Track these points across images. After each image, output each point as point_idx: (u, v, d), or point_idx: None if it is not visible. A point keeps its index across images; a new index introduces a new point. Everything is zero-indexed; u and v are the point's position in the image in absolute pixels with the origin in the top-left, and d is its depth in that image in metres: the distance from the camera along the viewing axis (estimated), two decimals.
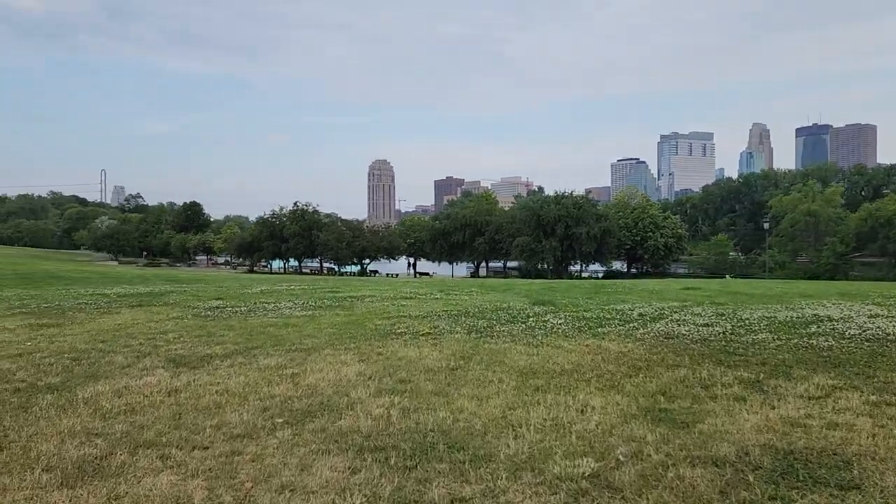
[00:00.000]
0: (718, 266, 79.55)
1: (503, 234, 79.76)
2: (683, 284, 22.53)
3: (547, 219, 73.02)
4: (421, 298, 16.58)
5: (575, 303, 15.54)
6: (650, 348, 9.16)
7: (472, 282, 24.99)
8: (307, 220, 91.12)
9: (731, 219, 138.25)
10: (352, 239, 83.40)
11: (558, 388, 6.97)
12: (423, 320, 12.11)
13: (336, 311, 13.65)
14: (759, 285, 22.95)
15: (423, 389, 6.91)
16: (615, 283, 24.07)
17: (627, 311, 13.49)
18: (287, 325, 11.49)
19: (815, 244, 73.12)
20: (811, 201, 75.45)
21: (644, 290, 20.05)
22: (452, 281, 25.80)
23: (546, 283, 23.55)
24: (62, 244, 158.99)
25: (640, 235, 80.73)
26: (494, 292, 18.87)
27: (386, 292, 18.50)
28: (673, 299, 17.04)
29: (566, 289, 20.42)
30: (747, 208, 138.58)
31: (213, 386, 7.05)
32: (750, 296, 18.16)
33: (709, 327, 10.90)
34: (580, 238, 70.88)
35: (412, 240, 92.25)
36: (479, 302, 15.65)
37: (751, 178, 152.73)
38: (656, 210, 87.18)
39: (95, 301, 15.88)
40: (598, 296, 17.86)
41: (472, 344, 9.55)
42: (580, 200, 76.59)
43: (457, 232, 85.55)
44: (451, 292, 18.31)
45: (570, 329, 10.91)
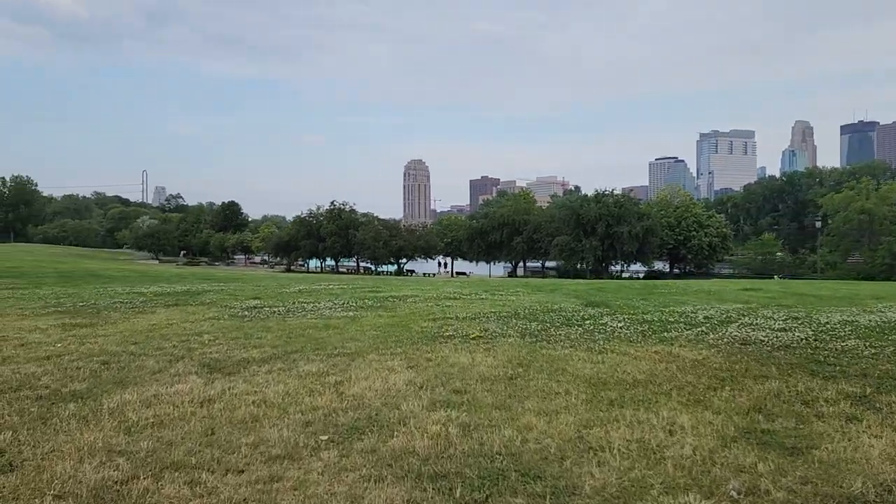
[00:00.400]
0: (765, 267, 77.24)
1: (542, 234, 78.55)
2: (741, 285, 21.39)
3: (587, 218, 71.62)
4: (466, 299, 15.84)
5: (630, 304, 14.64)
6: (728, 356, 8.27)
7: (516, 281, 24.16)
8: (344, 219, 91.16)
9: (775, 218, 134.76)
10: (389, 238, 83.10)
11: (635, 401, 6.17)
12: (472, 322, 11.37)
13: (378, 312, 12.99)
14: (822, 286, 21.67)
15: (482, 402, 6.17)
16: (667, 283, 23.00)
17: (690, 313, 12.56)
18: (328, 327, 10.85)
19: (868, 244, 70.30)
20: (865, 199, 72.56)
21: (699, 290, 19.00)
22: (494, 281, 25.02)
23: (593, 283, 22.58)
24: (105, 243, 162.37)
25: (683, 235, 78.72)
26: (541, 292, 18.04)
27: (428, 292, 17.81)
28: (734, 301, 16.02)
29: (616, 289, 19.47)
30: (791, 207, 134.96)
31: (249, 395, 6.41)
32: (818, 297, 17.02)
33: (787, 332, 9.94)
34: (622, 237, 69.32)
35: (449, 239, 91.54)
36: (527, 303, 14.85)
37: (794, 176, 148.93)
38: (700, 209, 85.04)
39: (131, 300, 15.50)
40: (653, 297, 16.91)
41: (528, 349, 8.78)
42: (621, 199, 74.97)
43: (494, 231, 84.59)
44: (497, 292, 17.53)
45: (632, 333, 10.06)
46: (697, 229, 79.24)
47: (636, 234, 69.24)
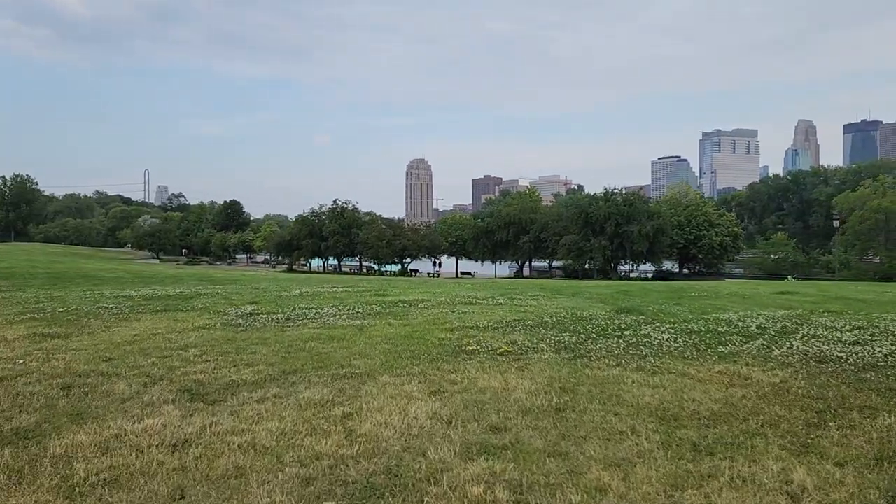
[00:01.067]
0: (778, 267, 75.78)
1: (549, 233, 77.17)
2: (773, 288, 20.08)
3: (596, 217, 70.21)
4: (482, 304, 14.54)
5: (665, 310, 13.32)
6: (810, 379, 6.96)
7: (531, 283, 22.85)
8: (347, 218, 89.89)
9: (780, 217, 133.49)
10: (392, 238, 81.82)
11: (724, 446, 4.87)
12: (496, 333, 10.07)
13: (388, 320, 11.69)
14: (859, 289, 20.34)
15: (530, 446, 4.87)
16: (692, 285, 21.68)
17: (737, 322, 11.24)
18: (332, 339, 9.55)
19: (885, 243, 68.85)
20: (881, 196, 71.07)
21: (732, 294, 17.68)
22: (508, 283, 23.73)
23: (615, 285, 21.26)
24: (107, 242, 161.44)
25: (693, 234, 77.24)
26: (562, 296, 16.74)
27: (439, 296, 16.52)
28: (775, 306, 14.70)
29: (642, 293, 18.16)
30: (796, 206, 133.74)
31: (235, 436, 5.12)
32: (863, 302, 15.71)
33: (863, 347, 8.61)
34: (631, 237, 67.90)
35: (454, 238, 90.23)
36: (551, 309, 13.54)
37: (800, 175, 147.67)
38: (710, 207, 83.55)
39: (117, 305, 14.22)
40: (685, 301, 15.61)
41: (569, 368, 7.47)
42: (631, 197, 73.52)
43: (500, 230, 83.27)
44: (514, 296, 16.24)
45: (684, 348, 8.74)
46: (708, 228, 77.78)
47: (646, 234, 67.82)
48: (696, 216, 78.81)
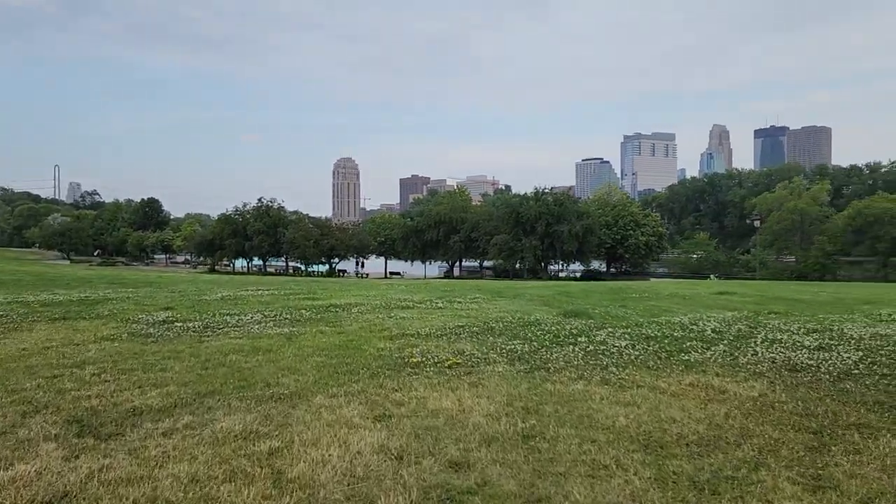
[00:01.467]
0: (700, 266, 77.96)
1: (480, 233, 76.88)
2: (710, 288, 20.02)
3: (527, 216, 70.31)
4: (420, 308, 13.66)
5: (612, 313, 12.79)
6: (790, 391, 6.41)
7: (468, 285, 22.13)
8: (272, 217, 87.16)
9: (697, 218, 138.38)
10: (320, 237, 79.76)
11: (727, 482, 4.17)
12: (440, 341, 9.21)
13: (320, 328, 10.66)
14: (793, 289, 20.53)
15: (501, 489, 4.04)
16: (629, 285, 21.45)
17: (691, 325, 10.77)
18: (257, 351, 8.48)
19: (800, 243, 71.78)
20: (798, 198, 74.08)
21: (672, 295, 17.41)
22: (445, 284, 22.96)
23: (553, 286, 20.76)
24: (12, 242, 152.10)
25: (620, 234, 78.50)
26: (503, 299, 16.05)
27: (374, 299, 15.55)
28: (719, 307, 14.45)
29: (583, 294, 17.68)
30: (712, 207, 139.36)
31: (131, 486, 4.07)
32: (804, 302, 15.67)
33: (829, 353, 8.20)
34: (561, 236, 68.31)
35: (383, 238, 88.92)
36: (494, 313, 12.80)
37: (715, 177, 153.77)
38: (636, 208, 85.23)
39: (8, 312, 12.62)
40: (629, 302, 15.17)
41: (528, 383, 6.69)
42: (561, 197, 74.04)
43: (430, 230, 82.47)
44: (454, 299, 15.43)
45: (646, 356, 8.11)
46: (634, 228, 79.24)
47: (576, 234, 68.37)
48: (623, 216, 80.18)
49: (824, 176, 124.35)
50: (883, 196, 70.23)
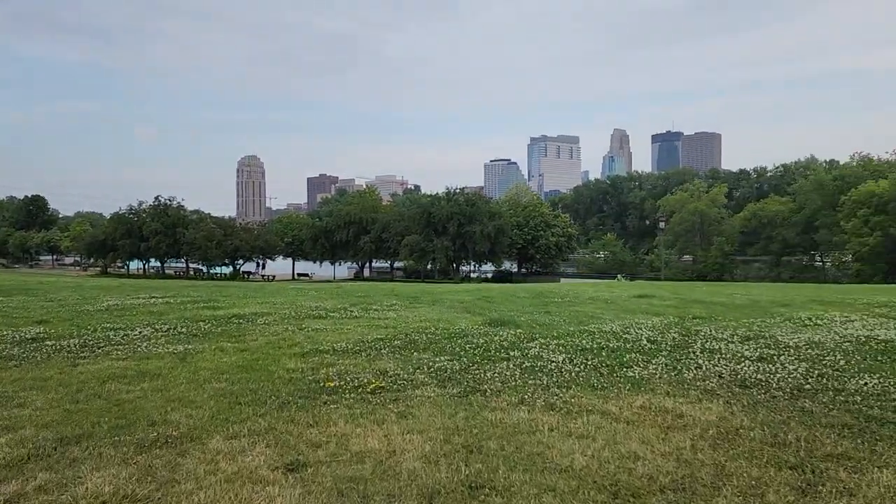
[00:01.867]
0: (608, 266, 79.94)
1: (391, 233, 75.92)
2: (629, 291, 19.87)
3: (438, 217, 69.93)
4: (334, 317, 12.62)
5: (539, 321, 12.19)
6: (748, 413, 5.88)
7: (383, 289, 21.12)
8: (171, 216, 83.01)
9: (601, 219, 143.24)
10: (223, 238, 76.48)
11: None
12: (359, 359, 8.26)
13: (221, 344, 9.47)
14: (708, 291, 20.70)
15: None
16: (549, 288, 21.06)
17: (623, 334, 10.27)
18: (142, 376, 7.26)
19: (700, 243, 74.81)
20: (698, 200, 77.19)
21: (594, 298, 17.08)
22: (358, 289, 21.90)
23: (472, 289, 20.08)
24: None
25: (531, 234, 79.51)
26: (421, 305, 15.20)
27: (282, 307, 14.36)
28: (643, 312, 14.14)
29: (504, 298, 17.08)
30: (614, 209, 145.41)
31: None
32: (723, 306, 15.62)
33: (773, 364, 7.83)
34: (473, 237, 68.29)
35: (290, 238, 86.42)
36: (414, 322, 11.94)
37: (617, 179, 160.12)
38: (547, 208, 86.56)
39: None
40: (552, 308, 14.65)
41: (465, 412, 5.87)
42: (473, 198, 74.08)
43: (340, 230, 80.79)
44: (370, 307, 14.44)
45: (586, 372, 7.46)
46: (545, 229, 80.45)
47: (488, 234, 68.55)
48: (534, 217, 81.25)
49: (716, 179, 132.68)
50: (775, 199, 74.32)
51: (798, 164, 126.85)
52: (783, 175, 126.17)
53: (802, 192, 69.22)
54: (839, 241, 57.84)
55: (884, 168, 65.23)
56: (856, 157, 69.04)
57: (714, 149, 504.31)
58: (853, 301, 16.20)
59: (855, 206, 56.04)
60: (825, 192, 64.56)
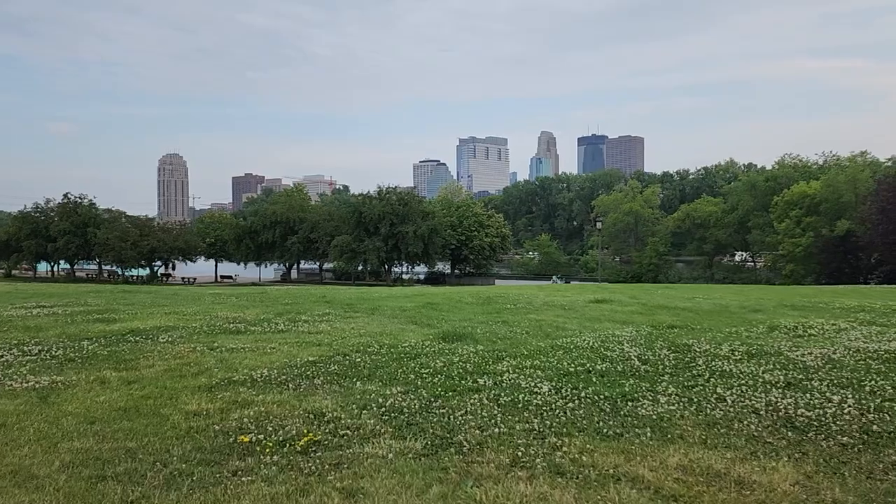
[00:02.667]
0: (543, 268, 79.49)
1: (319, 233, 73.24)
2: (584, 295, 18.49)
3: (370, 216, 67.69)
4: (255, 332, 10.60)
5: (499, 333, 10.51)
6: (831, 475, 4.33)
7: (314, 294, 18.99)
8: (81, 215, 77.72)
9: (529, 219, 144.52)
10: (138, 238, 71.94)
11: None
12: (284, 392, 6.36)
13: (103, 372, 7.37)
14: (664, 294, 19.52)
15: None
16: (497, 293, 19.30)
17: (604, 351, 8.69)
18: None
19: (634, 244, 75.21)
20: (632, 200, 77.61)
21: (550, 305, 15.56)
22: (285, 294, 19.74)
23: (412, 294, 18.20)
24: None
25: (465, 235, 78.26)
26: (358, 314, 13.30)
27: (192, 319, 12.21)
28: (611, 320, 12.72)
29: (450, 305, 15.35)
30: (543, 210, 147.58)
31: None
32: (691, 312, 14.39)
33: (805, 393, 6.36)
34: (407, 237, 66.39)
35: (212, 239, 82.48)
36: (353, 337, 10.06)
37: (546, 181, 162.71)
38: (480, 208, 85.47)
39: None
40: (507, 316, 13.02)
41: (440, 489, 4.09)
42: (406, 197, 72.07)
43: (266, 230, 77.55)
44: (298, 317, 12.44)
45: (584, 410, 5.80)
46: (479, 229, 79.36)
47: (421, 235, 66.79)
48: (468, 217, 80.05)
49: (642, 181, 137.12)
50: (708, 200, 75.40)
51: (718, 167, 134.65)
52: (704, 177, 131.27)
53: (735, 193, 70.45)
54: (772, 241, 58.86)
55: (814, 170, 67.03)
56: (786, 158, 70.71)
57: (637, 152, 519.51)
58: (825, 305, 15.25)
59: (787, 206, 57.15)
60: (757, 192, 65.81)
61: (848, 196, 52.74)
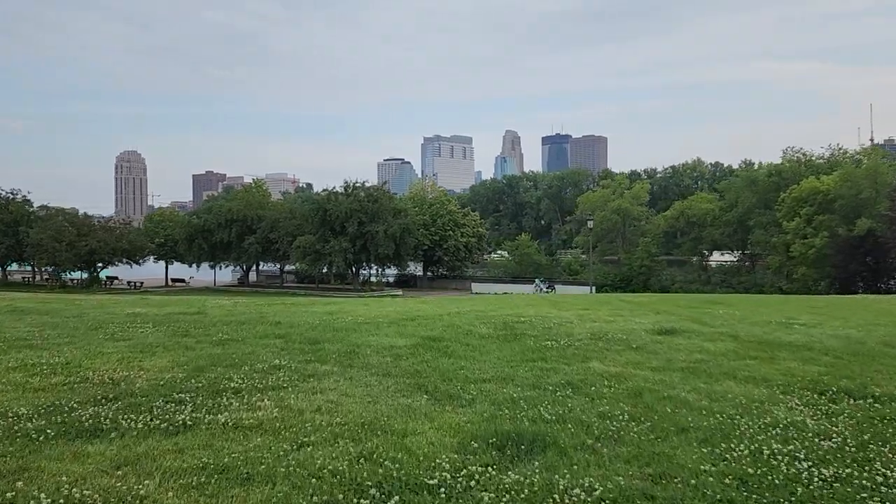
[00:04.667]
0: (522, 270, 75.11)
1: (280, 233, 67.80)
2: (623, 313, 13.88)
3: (336, 214, 62.42)
4: (123, 439, 5.71)
5: (591, 427, 5.84)
6: None
7: (269, 319, 13.99)
8: (13, 212, 71.25)
9: (497, 219, 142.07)
10: (76, 238, 65.64)
11: None
12: None
13: None
14: (734, 316, 15.05)
15: None
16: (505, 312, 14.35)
17: None
18: None
19: (622, 244, 71.24)
20: (620, 197, 73.55)
21: (600, 337, 10.91)
22: (229, 314, 14.97)
23: (400, 317, 13.33)
24: None
25: (439, 234, 73.58)
26: (328, 369, 8.47)
27: (43, 382, 7.29)
28: (718, 373, 8.14)
29: (463, 342, 10.60)
30: (510, 208, 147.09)
31: None
32: (809, 349, 9.87)
33: None
34: (376, 237, 61.28)
35: (162, 239, 76.44)
36: (322, 448, 5.29)
37: (514, 179, 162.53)
38: (455, 205, 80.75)
39: None
40: (555, 363, 8.34)
41: None
42: (375, 193, 66.77)
43: (221, 229, 71.82)
44: (227, 384, 7.56)
45: None
46: (454, 228, 74.79)
47: (393, 234, 61.78)
48: (442, 215, 75.39)
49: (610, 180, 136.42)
50: (703, 196, 71.82)
51: (686, 165, 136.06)
52: (672, 176, 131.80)
53: (732, 190, 66.67)
54: (778, 241, 55.03)
55: (821, 164, 63.53)
56: (789, 152, 66.88)
57: (600, 151, 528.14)
58: None
59: (795, 203, 53.43)
60: (759, 189, 62.10)
61: (868, 192, 49.06)
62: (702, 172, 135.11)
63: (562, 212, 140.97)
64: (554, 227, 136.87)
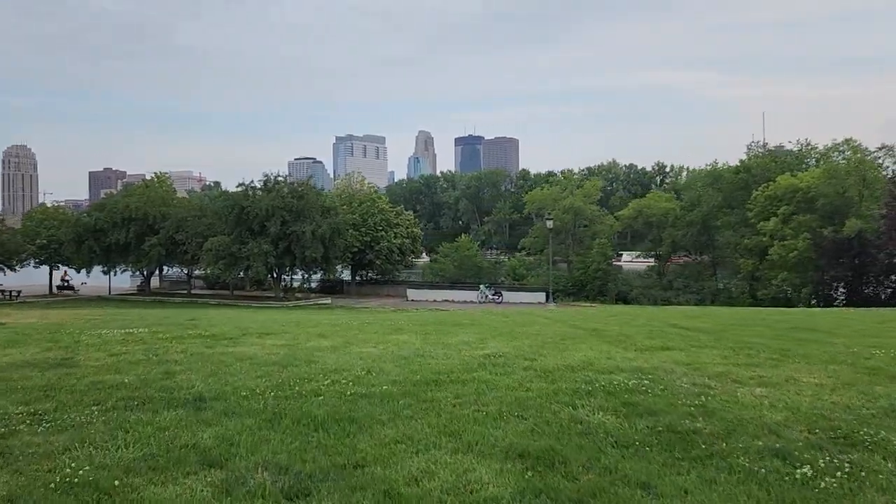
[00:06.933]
0: (462, 274, 69.86)
1: (188, 233, 59.99)
2: (620, 343, 8.70)
3: (255, 212, 55.24)
4: None
5: None
6: None
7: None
8: None
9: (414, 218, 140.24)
10: None
11: None
12: None
13: None
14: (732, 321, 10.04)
15: None
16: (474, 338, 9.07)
17: None
18: None
19: (573, 246, 67.06)
20: (571, 195, 69.24)
21: (632, 391, 5.66)
22: (111, 340, 8.89)
23: (345, 341, 7.99)
24: None
25: (370, 235, 67.42)
26: None
27: None
28: None
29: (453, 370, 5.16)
30: (427, 209, 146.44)
31: None
32: None
33: None
34: (303, 239, 54.50)
35: (45, 240, 67.02)
36: None
37: (431, 179, 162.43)
38: (387, 203, 74.68)
39: None
40: None
41: None
42: (301, 189, 59.77)
43: (116, 229, 63.15)
44: None
45: None
46: (387, 229, 68.79)
47: (321, 235, 55.16)
48: (373, 214, 69.22)
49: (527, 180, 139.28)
50: (659, 195, 68.60)
51: (601, 167, 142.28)
52: (587, 176, 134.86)
53: (693, 188, 63.49)
54: (752, 243, 51.70)
55: (791, 162, 60.85)
56: (753, 147, 64.12)
57: (512, 152, 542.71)
58: None
59: (769, 202, 50.19)
60: (724, 186, 58.89)
61: (853, 189, 46.23)
62: (616, 174, 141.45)
63: (480, 212, 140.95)
64: (472, 228, 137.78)
